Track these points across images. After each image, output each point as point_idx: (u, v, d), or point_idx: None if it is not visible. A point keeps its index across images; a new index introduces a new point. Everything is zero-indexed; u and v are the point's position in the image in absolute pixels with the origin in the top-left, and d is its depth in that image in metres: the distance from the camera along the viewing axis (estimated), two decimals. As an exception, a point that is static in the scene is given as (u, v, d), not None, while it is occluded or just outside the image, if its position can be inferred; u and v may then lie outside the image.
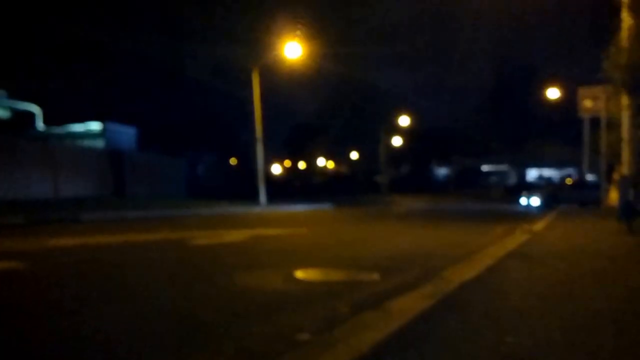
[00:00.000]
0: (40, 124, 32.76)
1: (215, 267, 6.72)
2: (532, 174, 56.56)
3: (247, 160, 29.89)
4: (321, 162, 57.78)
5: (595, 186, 28.76)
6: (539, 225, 12.46)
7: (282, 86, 29.95)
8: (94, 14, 33.21)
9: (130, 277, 5.90)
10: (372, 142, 49.68)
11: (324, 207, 26.49)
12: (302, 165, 55.92)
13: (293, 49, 25.30)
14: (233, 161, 38.83)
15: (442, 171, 62.25)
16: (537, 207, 26.94)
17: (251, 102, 26.38)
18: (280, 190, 32.96)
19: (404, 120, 47.51)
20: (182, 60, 33.93)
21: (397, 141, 51.12)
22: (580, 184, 31.32)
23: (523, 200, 29.56)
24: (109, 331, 3.75)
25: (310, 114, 42.43)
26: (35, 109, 32.60)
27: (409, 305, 4.15)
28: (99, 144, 31.73)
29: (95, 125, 32.80)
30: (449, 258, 6.97)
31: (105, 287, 5.32)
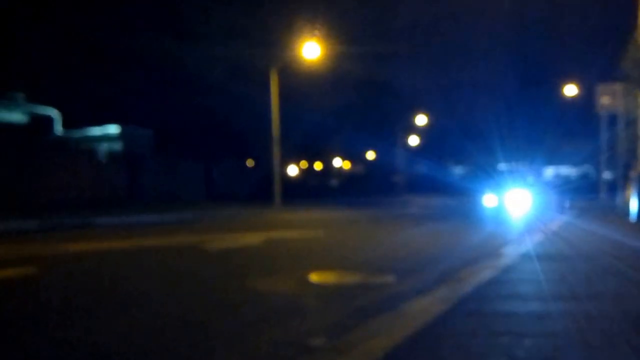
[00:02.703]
0: (58, 128, 32.93)
1: (229, 271, 6.71)
2: (549, 172, 56.05)
3: (264, 161, 29.85)
4: (337, 162, 57.63)
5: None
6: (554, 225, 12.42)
7: (299, 86, 29.90)
8: (111, 17, 33.44)
9: (144, 283, 5.90)
10: (389, 142, 49.50)
11: (340, 208, 26.42)
12: (318, 166, 55.80)
13: (311, 49, 25.24)
14: (250, 163, 38.82)
15: (458, 170, 61.88)
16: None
17: (268, 103, 26.38)
18: (297, 191, 32.90)
19: (421, 120, 47.28)
20: (198, 62, 34.01)
21: (414, 140, 50.89)
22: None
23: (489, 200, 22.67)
24: (118, 338, 3.75)
25: (327, 114, 42.36)
26: (53, 113, 32.79)
27: (425, 308, 4.11)
28: (117, 147, 31.86)
29: (113, 129, 32.94)
30: (464, 259, 6.90)
31: (118, 293, 5.32)
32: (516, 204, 19.23)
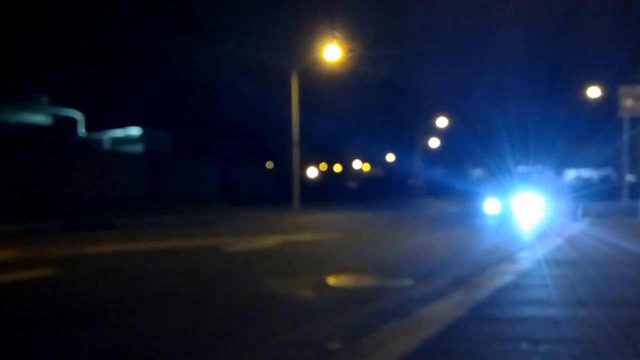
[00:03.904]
0: (82, 130, 33.23)
1: (247, 274, 6.74)
2: (570, 174, 55.39)
3: (283, 163, 29.88)
4: (357, 165, 57.51)
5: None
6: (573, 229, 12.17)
7: (319, 88, 29.90)
8: (133, 20, 33.68)
9: (163, 285, 5.96)
10: (409, 145, 49.34)
11: (358, 211, 26.39)
12: (337, 168, 55.74)
13: (332, 52, 25.26)
14: (269, 165, 38.88)
15: (477, 173, 61.38)
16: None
17: (289, 105, 26.41)
18: (315, 193, 32.87)
19: (442, 122, 47.11)
20: (219, 64, 34.15)
21: (433, 143, 50.70)
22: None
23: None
24: (137, 338, 3.81)
25: (347, 117, 42.31)
26: (77, 115, 33.10)
27: (441, 313, 4.10)
28: (138, 148, 32.07)
29: (134, 131, 33.19)
30: (482, 264, 6.88)
31: (137, 295, 5.39)
32: (524, 209, 16.87)
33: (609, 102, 32.95)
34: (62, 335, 3.91)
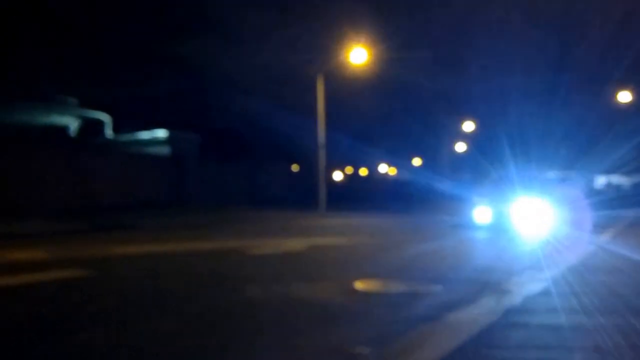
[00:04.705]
0: (109, 132, 33.61)
1: (273, 277, 6.70)
2: (600, 180, 54.61)
3: (309, 166, 29.84)
4: (383, 168, 57.40)
5: None
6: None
7: (345, 91, 29.86)
8: (160, 24, 33.99)
9: (188, 286, 6.00)
10: (435, 149, 49.08)
11: (385, 215, 26.25)
12: (363, 171, 55.68)
13: (358, 55, 25.19)
14: (295, 168, 38.91)
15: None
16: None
17: (315, 108, 26.38)
18: (341, 197, 32.78)
19: (468, 126, 46.78)
20: (245, 67, 34.29)
21: (460, 147, 50.36)
22: None
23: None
24: (162, 339, 3.80)
25: (373, 120, 42.22)
26: (104, 117, 33.49)
27: (471, 319, 4.02)
28: (165, 151, 32.29)
29: (161, 133, 33.41)
30: (510, 271, 6.74)
31: (163, 296, 5.43)
32: (526, 219, 14.00)
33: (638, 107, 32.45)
34: (98, 333, 3.92)
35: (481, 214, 15.25)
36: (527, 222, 13.88)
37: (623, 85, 34.55)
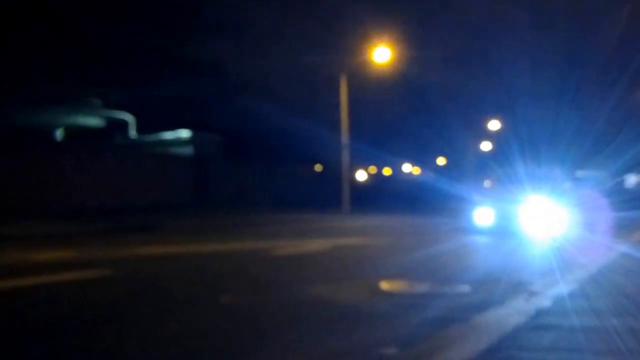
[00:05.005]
0: (133, 132, 33.91)
1: (297, 278, 6.69)
2: (632, 180, 53.71)
3: (332, 167, 29.77)
4: (407, 168, 57.19)
5: None
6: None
7: (369, 91, 29.79)
8: (182, 26, 34.22)
9: (211, 287, 5.95)
10: (460, 148, 48.73)
11: (409, 215, 26.09)
12: (387, 171, 55.53)
13: (381, 54, 25.05)
14: (318, 168, 38.88)
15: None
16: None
17: (338, 108, 26.30)
18: (365, 197, 32.64)
19: (494, 125, 46.41)
20: (269, 67, 34.38)
21: (486, 146, 49.95)
22: None
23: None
24: (185, 338, 3.78)
25: (397, 119, 42.09)
26: (128, 117, 33.79)
27: (499, 320, 3.98)
28: (188, 151, 32.45)
29: (184, 133, 33.61)
30: (539, 272, 6.60)
31: (185, 295, 5.44)
32: (534, 221, 12.46)
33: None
34: (126, 331, 3.93)
35: (482, 215, 13.60)
36: (535, 225, 12.39)
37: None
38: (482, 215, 13.54)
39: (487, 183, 14.85)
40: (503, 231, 12.72)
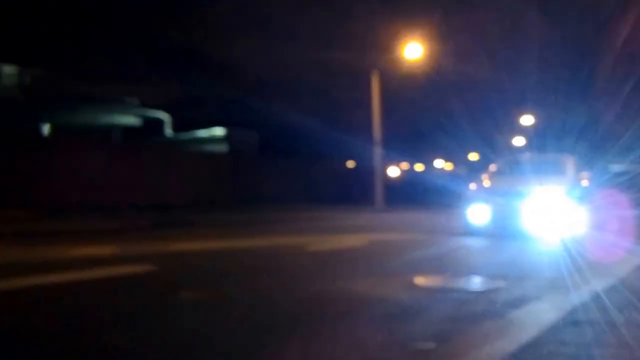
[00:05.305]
0: (168, 131, 34.33)
1: (333, 273, 6.75)
2: (667, 174, 52.54)
3: (365, 163, 29.81)
4: (439, 163, 56.76)
5: None
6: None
7: (401, 87, 29.71)
8: (217, 25, 34.48)
9: (249, 283, 6.04)
10: (493, 143, 48.24)
11: (441, 210, 26.02)
12: (419, 167, 55.18)
13: (413, 50, 25.01)
14: (351, 164, 38.87)
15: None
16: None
17: (370, 104, 26.33)
18: (398, 193, 32.60)
19: (527, 120, 45.85)
20: (301, 64, 34.49)
21: (518, 141, 49.37)
22: None
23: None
24: (222, 333, 3.84)
25: (429, 115, 41.82)
26: (164, 116, 34.20)
27: (536, 315, 3.99)
28: (223, 148, 32.76)
29: (219, 131, 33.94)
30: (577, 267, 6.61)
31: (223, 290, 5.50)
32: (537, 219, 11.03)
33: None
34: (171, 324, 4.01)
35: (476, 213, 12.05)
36: (539, 224, 11.06)
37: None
38: (476, 213, 12.08)
39: (485, 176, 13.08)
40: (500, 231, 11.62)
